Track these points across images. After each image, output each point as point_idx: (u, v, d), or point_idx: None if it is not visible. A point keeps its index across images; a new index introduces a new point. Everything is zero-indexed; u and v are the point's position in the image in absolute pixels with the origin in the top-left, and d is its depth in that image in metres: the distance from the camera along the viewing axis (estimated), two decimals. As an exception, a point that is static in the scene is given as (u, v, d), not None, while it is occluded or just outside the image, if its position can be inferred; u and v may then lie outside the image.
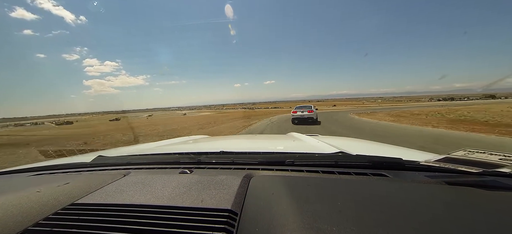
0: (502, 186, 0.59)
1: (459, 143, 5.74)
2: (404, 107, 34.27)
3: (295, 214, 0.47)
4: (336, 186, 0.63)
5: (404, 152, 1.11)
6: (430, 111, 19.78)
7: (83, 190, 0.65)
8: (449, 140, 6.32)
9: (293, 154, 0.90)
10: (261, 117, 23.13)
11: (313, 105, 13.14)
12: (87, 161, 1.00)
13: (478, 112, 15.55)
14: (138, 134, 12.26)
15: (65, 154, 5.43)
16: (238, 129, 12.07)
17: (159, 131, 14.16)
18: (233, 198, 0.54)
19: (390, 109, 28.58)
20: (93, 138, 11.43)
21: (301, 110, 12.39)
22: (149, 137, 11.01)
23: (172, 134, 11.67)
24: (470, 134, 7.06)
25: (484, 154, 0.71)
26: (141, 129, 16.74)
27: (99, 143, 9.44)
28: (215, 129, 13.43)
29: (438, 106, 35.45)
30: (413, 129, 9.07)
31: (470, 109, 20.23)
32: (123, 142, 9.54)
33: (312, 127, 11.02)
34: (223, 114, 41.23)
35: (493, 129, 7.71)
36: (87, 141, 10.18)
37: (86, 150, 7.10)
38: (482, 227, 0.42)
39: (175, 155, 0.96)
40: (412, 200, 0.54)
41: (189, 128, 14.94)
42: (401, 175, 0.71)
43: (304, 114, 12.15)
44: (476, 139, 6.33)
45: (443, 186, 0.61)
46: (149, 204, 0.54)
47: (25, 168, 1.02)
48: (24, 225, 0.48)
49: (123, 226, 0.47)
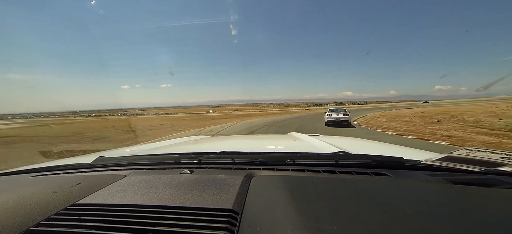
0: (504, 185, 0.59)
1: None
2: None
3: (296, 214, 0.47)
4: (337, 185, 0.63)
5: (405, 151, 1.11)
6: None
7: (84, 191, 0.65)
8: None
9: (294, 153, 0.90)
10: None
11: (346, 109, 12.98)
12: (88, 162, 1.00)
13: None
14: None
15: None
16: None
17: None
18: (234, 198, 0.55)
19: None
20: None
21: (336, 113, 12.19)
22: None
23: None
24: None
25: (485, 152, 0.71)
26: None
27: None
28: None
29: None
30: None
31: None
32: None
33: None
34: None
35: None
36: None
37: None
38: (484, 226, 0.42)
39: (176, 155, 0.96)
40: (413, 199, 0.54)
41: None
42: (402, 174, 0.71)
43: (339, 117, 11.92)
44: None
45: (444, 185, 0.61)
46: (151, 204, 0.54)
47: (26, 169, 1.02)
48: (26, 225, 0.48)
49: (125, 226, 0.47)
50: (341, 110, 12.28)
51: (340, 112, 12.08)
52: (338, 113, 12.06)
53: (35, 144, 9.95)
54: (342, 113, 11.88)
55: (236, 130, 13.07)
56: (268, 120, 20.56)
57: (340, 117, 11.78)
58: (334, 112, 12.25)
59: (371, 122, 14.20)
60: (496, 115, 12.23)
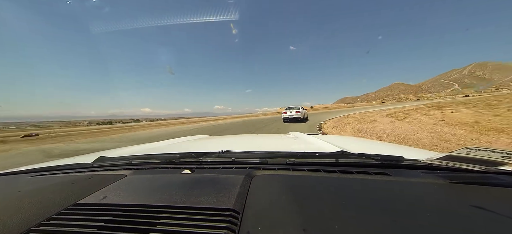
0: (505, 184, 0.59)
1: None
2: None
3: (297, 213, 0.47)
4: (338, 185, 0.63)
5: (406, 151, 1.11)
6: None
7: (85, 191, 0.65)
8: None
9: (294, 153, 0.90)
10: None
11: (301, 107, 15.88)
12: (89, 162, 1.00)
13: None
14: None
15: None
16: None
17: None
18: (235, 198, 0.55)
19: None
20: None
21: (290, 111, 15.15)
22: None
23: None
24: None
25: (486, 151, 0.71)
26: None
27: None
28: None
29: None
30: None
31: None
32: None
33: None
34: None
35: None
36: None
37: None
38: (485, 225, 0.42)
39: (176, 155, 0.96)
40: (414, 198, 0.54)
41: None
42: (403, 173, 0.71)
43: (292, 115, 14.92)
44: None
45: (445, 184, 0.61)
46: (152, 204, 0.54)
47: (27, 169, 1.03)
48: (28, 225, 0.48)
49: (126, 225, 0.47)
50: (295, 109, 15.25)
51: (293, 110, 15.12)
52: (291, 111, 15.15)
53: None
54: (294, 111, 14.98)
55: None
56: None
57: (293, 114, 14.95)
58: (289, 110, 15.32)
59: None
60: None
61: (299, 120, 14.89)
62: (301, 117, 14.95)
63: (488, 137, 4.97)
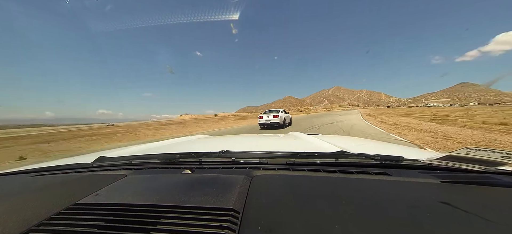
0: (504, 184, 0.59)
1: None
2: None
3: (297, 213, 0.47)
4: (338, 184, 0.63)
5: (406, 151, 1.11)
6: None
7: (85, 191, 0.66)
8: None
9: (294, 153, 0.90)
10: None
11: (282, 110, 13.62)
12: (89, 162, 1.00)
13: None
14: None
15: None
16: None
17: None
18: (235, 198, 0.55)
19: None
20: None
21: (267, 116, 13.01)
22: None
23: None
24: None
25: (485, 152, 0.71)
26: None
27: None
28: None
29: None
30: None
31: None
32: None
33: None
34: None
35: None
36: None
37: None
38: (484, 225, 0.42)
39: (176, 155, 0.96)
40: (414, 198, 0.54)
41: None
42: (403, 173, 0.71)
43: (269, 120, 12.68)
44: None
45: (445, 184, 0.61)
46: (152, 204, 0.54)
47: (27, 169, 1.03)
48: (29, 225, 0.48)
49: (126, 225, 0.47)
50: (273, 112, 12.97)
51: (270, 114, 12.90)
52: (268, 116, 12.95)
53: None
54: (272, 115, 12.77)
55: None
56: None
57: (270, 119, 12.67)
58: (265, 115, 13.19)
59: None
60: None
61: (278, 126, 12.66)
62: (280, 122, 12.71)
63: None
